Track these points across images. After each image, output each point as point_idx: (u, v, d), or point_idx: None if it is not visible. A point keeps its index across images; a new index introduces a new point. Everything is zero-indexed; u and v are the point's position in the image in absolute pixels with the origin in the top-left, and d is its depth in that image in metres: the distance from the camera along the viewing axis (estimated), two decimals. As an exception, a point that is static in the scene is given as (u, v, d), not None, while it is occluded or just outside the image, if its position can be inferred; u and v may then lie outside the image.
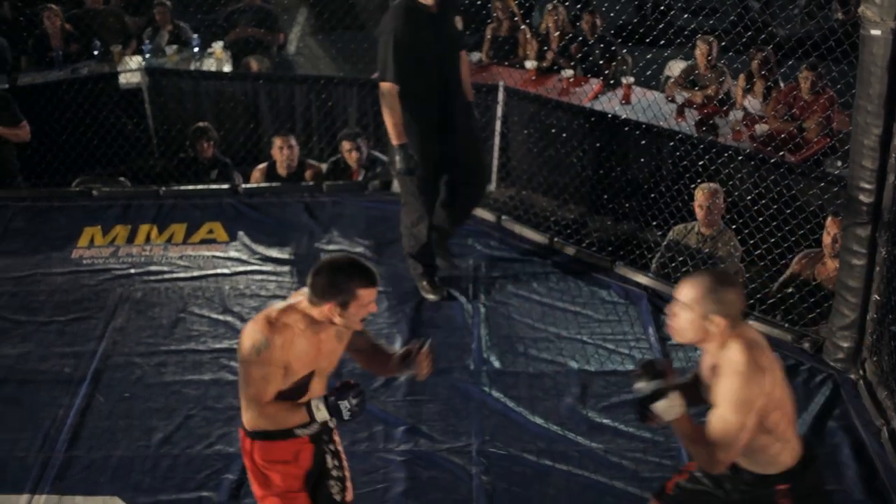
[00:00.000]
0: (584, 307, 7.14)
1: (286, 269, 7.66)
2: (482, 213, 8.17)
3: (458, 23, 6.95)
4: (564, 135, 8.63)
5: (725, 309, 4.04)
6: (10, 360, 6.79)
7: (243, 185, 8.78)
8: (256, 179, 8.89)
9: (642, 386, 4.09)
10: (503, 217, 8.12)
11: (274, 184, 8.75)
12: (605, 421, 6.14)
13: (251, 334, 4.20)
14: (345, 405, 4.17)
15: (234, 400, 6.27)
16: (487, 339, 6.83)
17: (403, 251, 7.23)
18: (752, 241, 7.42)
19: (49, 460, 5.93)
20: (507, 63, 10.44)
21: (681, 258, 7.39)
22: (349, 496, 4.68)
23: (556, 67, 10.31)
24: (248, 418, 4.29)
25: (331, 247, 7.88)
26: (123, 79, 10.06)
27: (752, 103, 9.38)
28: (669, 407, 4.05)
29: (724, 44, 9.72)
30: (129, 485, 5.77)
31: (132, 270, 7.68)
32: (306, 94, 9.91)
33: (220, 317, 7.11)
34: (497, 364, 6.60)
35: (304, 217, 8.31)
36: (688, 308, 4.07)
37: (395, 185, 8.50)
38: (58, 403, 6.37)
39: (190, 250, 7.94)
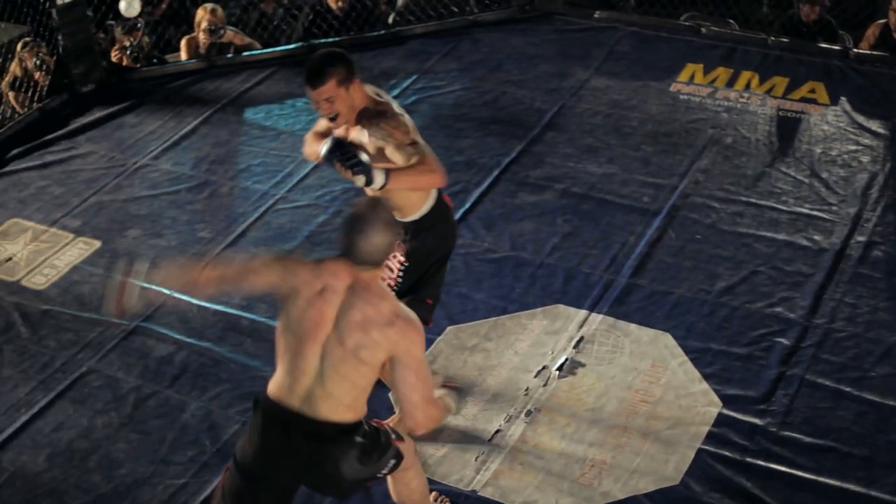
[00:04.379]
0: None
1: (884, 144, 7.28)
2: None
3: None
4: None
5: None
6: (595, 178, 6.94)
7: (854, 50, 8.40)
8: (875, 30, 8.45)
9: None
10: None
11: (886, 54, 8.30)
12: None
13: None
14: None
15: (804, 266, 6.15)
16: None
17: None
18: None
19: (612, 283, 6.06)
20: None
21: None
22: None
23: None
24: None
25: (938, 129, 7.44)
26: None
27: None
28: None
29: None
30: (682, 324, 5.79)
31: (726, 115, 7.59)
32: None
33: (806, 179, 6.89)
34: None
35: (913, 93, 7.87)
36: None
37: None
38: (630, 230, 6.48)
39: (788, 105, 7.72)
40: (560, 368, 5.48)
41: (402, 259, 4.76)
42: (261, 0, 9.30)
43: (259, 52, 8.61)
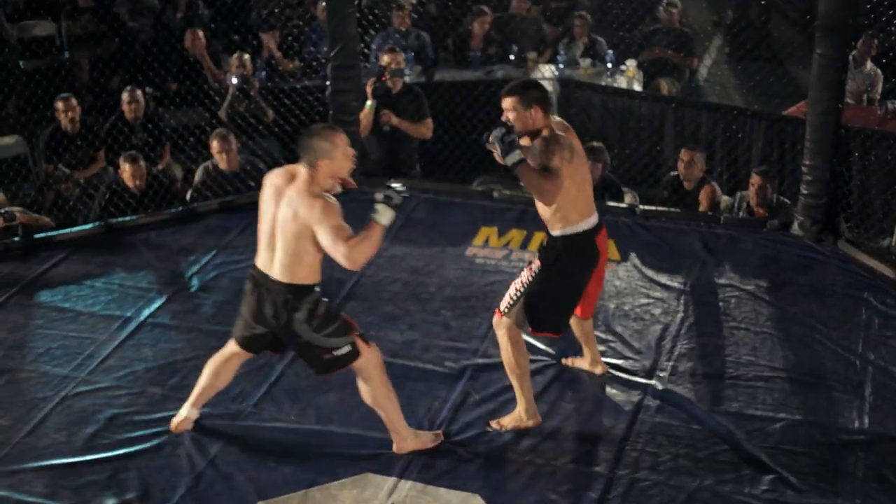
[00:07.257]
0: (982, 386, 6.70)
1: (674, 296, 7.58)
2: (881, 266, 7.85)
3: None
4: None
5: None
6: (396, 345, 7.01)
7: (640, 207, 8.76)
8: (668, 181, 8.95)
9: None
10: (905, 276, 7.76)
11: (672, 209, 8.69)
12: None
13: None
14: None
15: (606, 420, 6.28)
16: (871, 399, 6.53)
17: None
18: None
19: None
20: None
21: None
22: None
23: None
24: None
25: (722, 280, 7.76)
26: (536, 86, 10.24)
27: None
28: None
29: None
30: (490, 484, 5.81)
31: (521, 275, 7.78)
32: (713, 122, 9.81)
33: (602, 335, 7.08)
34: (879, 428, 6.29)
35: (698, 246, 8.23)
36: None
37: (795, 227, 8.28)
38: (434, 394, 6.54)
39: (582, 265, 7.97)
40: (372, 538, 5.46)
41: (539, 264, 6.01)
42: (56, 181, 9.24)
43: (55, 232, 8.52)
